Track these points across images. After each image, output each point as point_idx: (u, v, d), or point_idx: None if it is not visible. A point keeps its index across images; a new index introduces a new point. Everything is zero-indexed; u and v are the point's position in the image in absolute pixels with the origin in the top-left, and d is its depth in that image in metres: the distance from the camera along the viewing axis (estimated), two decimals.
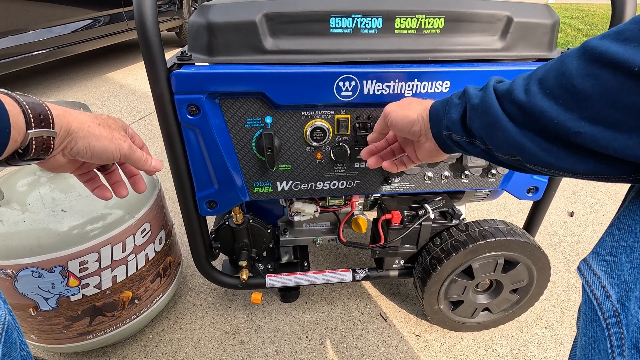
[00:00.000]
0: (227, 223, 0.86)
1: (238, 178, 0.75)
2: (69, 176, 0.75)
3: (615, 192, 1.56)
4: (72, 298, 0.74)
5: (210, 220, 1.27)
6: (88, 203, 0.72)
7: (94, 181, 0.54)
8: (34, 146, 0.41)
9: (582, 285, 0.32)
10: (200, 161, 0.72)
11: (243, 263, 0.89)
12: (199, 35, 0.66)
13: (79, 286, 0.73)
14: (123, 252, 0.76)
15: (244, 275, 0.90)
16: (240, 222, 0.85)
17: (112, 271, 0.76)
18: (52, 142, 0.42)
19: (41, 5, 2.37)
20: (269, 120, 0.70)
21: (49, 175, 0.74)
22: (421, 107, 0.55)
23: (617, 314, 0.27)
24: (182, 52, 0.66)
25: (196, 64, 0.66)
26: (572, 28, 4.69)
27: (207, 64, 0.66)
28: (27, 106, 0.40)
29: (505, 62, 0.71)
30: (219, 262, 1.08)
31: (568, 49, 0.73)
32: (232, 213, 0.84)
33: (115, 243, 0.74)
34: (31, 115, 0.40)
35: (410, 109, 0.55)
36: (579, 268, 0.33)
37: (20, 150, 0.41)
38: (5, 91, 0.42)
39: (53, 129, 0.42)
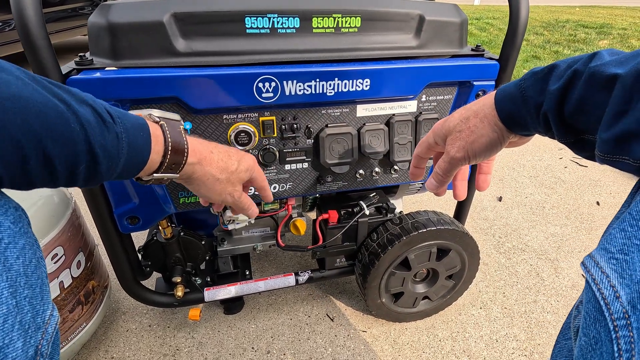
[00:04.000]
0: (155, 238, 0.81)
1: (160, 189, 0.70)
2: None
3: (535, 176, 1.72)
4: None
5: (143, 235, 1.19)
6: None
7: None
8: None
9: (587, 282, 0.29)
10: None
11: (177, 279, 0.84)
12: (100, 38, 0.60)
13: None
14: None
15: (179, 291, 0.84)
16: (169, 236, 0.80)
17: None
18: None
19: None
20: (188, 126, 0.66)
21: None
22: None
23: (627, 316, 0.25)
24: (81, 56, 0.60)
25: (106, 68, 0.61)
26: (495, 28, 5.10)
27: (114, 68, 0.61)
28: (170, 151, 0.43)
29: (421, 59, 0.74)
30: (153, 279, 1.01)
31: (477, 45, 0.78)
32: (160, 227, 0.79)
33: None
34: (167, 162, 0.43)
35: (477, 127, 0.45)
36: (583, 264, 0.31)
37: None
38: (167, 120, 0.45)
39: (177, 173, 0.46)
